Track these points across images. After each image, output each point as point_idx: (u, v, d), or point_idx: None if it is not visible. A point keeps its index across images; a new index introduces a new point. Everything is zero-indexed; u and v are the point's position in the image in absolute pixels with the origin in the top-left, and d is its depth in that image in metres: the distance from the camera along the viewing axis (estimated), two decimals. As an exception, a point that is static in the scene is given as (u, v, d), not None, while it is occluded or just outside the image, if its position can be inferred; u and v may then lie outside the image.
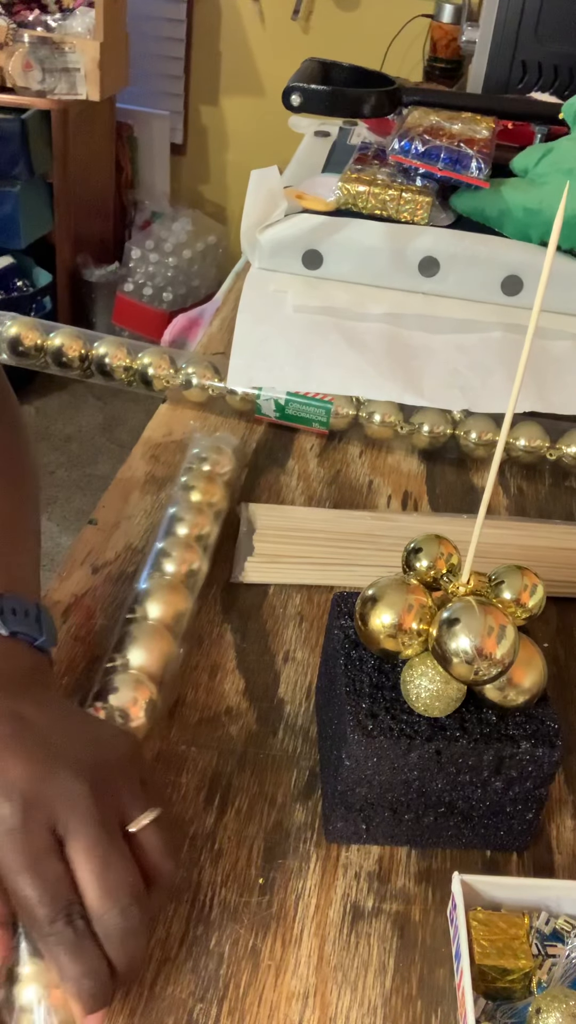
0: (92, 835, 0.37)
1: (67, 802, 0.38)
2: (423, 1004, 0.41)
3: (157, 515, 0.66)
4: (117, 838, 0.38)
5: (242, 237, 0.91)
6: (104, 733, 0.44)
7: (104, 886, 0.37)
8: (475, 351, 0.83)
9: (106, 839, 0.38)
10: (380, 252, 0.89)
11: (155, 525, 0.65)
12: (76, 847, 0.37)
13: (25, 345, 0.78)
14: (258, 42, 2.65)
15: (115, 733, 0.44)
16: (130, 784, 0.40)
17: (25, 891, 0.36)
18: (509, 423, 0.40)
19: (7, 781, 0.38)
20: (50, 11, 2.38)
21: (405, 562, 0.46)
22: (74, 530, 2.12)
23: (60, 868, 0.37)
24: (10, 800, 0.37)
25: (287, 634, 0.58)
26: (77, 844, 0.37)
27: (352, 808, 0.45)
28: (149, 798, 0.40)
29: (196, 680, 0.55)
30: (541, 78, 1.21)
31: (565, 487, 0.75)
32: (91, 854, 0.37)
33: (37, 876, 0.36)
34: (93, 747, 0.41)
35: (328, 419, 0.75)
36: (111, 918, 0.37)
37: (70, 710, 0.45)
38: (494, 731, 0.44)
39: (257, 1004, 0.40)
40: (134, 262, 2.71)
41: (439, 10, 2.08)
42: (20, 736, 0.40)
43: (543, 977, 0.41)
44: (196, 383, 0.76)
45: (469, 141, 0.90)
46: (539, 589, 0.45)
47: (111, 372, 0.78)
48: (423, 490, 0.73)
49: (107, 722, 0.47)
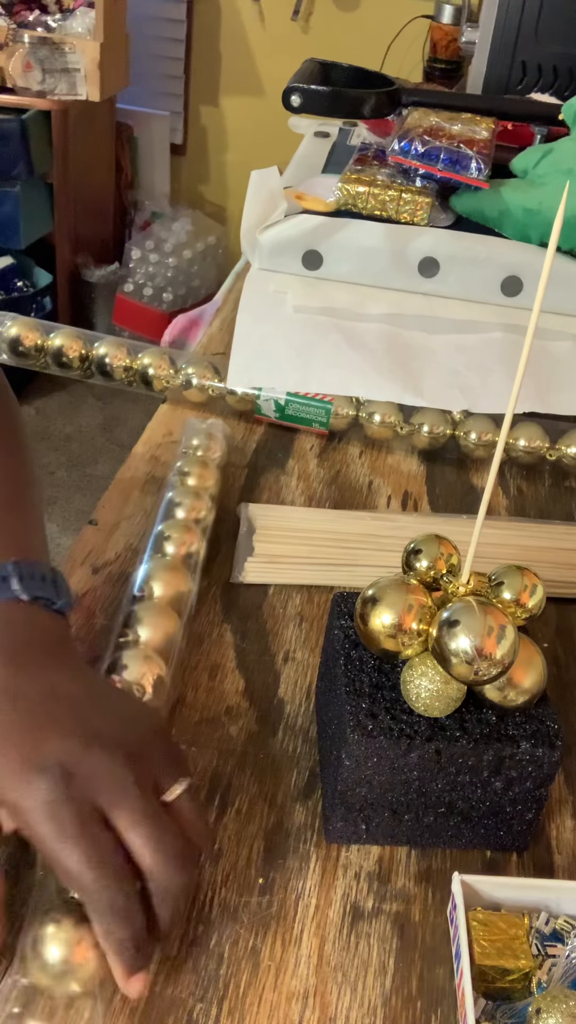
0: (137, 804, 0.38)
1: (106, 775, 0.38)
2: (423, 1004, 0.41)
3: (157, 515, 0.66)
4: (158, 806, 0.39)
5: (242, 237, 0.91)
6: (132, 706, 0.45)
7: (159, 848, 0.38)
8: (475, 351, 0.83)
9: (150, 807, 0.39)
10: (380, 253, 0.89)
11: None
12: (122, 815, 0.38)
13: (25, 345, 0.78)
14: (258, 42, 2.65)
15: (141, 706, 0.46)
16: (160, 755, 0.41)
17: (72, 857, 0.37)
18: (509, 423, 0.40)
19: (44, 755, 0.38)
20: (50, 11, 2.38)
21: (405, 562, 0.46)
22: (74, 530, 2.12)
23: (108, 835, 0.38)
24: (49, 773, 0.38)
25: (287, 634, 0.58)
26: (122, 812, 0.38)
27: (352, 808, 0.45)
28: (178, 768, 0.41)
29: (196, 680, 0.55)
30: (541, 79, 1.21)
31: (565, 487, 0.75)
32: (140, 821, 0.38)
33: (85, 842, 0.37)
34: (125, 721, 0.42)
35: (328, 419, 0.75)
36: (165, 879, 0.38)
37: (98, 681, 0.46)
38: (494, 731, 0.44)
39: (257, 1004, 0.40)
40: (134, 262, 2.71)
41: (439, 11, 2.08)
42: (55, 709, 0.40)
43: (543, 977, 0.41)
44: (196, 383, 0.76)
45: (469, 142, 0.90)
46: (539, 589, 0.45)
47: (111, 372, 0.78)
48: (423, 490, 0.73)
49: (132, 695, 0.48)
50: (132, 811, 0.38)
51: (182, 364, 0.77)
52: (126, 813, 0.38)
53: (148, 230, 2.78)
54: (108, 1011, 0.39)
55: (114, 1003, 0.39)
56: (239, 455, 0.74)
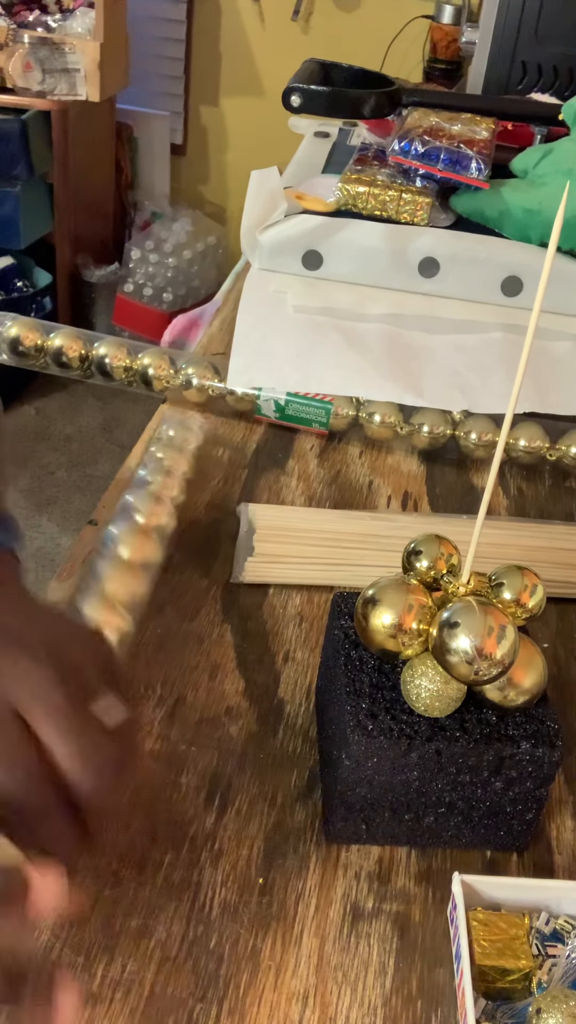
0: (56, 704, 0.36)
1: (31, 682, 0.37)
2: (423, 1004, 0.41)
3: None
4: (83, 709, 0.37)
5: (242, 238, 0.91)
6: (69, 624, 0.43)
7: (82, 755, 0.36)
8: (475, 352, 0.83)
9: (72, 708, 0.37)
10: (380, 253, 0.89)
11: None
12: (44, 721, 0.36)
13: (25, 345, 0.78)
14: (258, 42, 2.65)
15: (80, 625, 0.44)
16: (95, 671, 0.39)
17: None
18: (509, 423, 0.40)
19: None
20: (50, 12, 2.38)
21: (405, 562, 0.46)
22: (74, 530, 2.12)
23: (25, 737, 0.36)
24: None
25: (287, 634, 0.58)
26: (45, 719, 0.36)
27: (352, 808, 0.45)
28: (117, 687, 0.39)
29: (196, 680, 0.55)
30: (541, 79, 1.21)
31: (565, 487, 0.75)
32: (56, 719, 0.36)
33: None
34: (57, 633, 0.41)
35: (328, 419, 0.75)
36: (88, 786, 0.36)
37: (36, 601, 0.44)
38: (494, 731, 0.44)
39: (257, 1004, 0.40)
40: (134, 263, 2.71)
41: (439, 11, 2.08)
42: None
43: (543, 977, 0.41)
44: (196, 383, 0.76)
45: (469, 142, 0.90)
46: (539, 589, 0.45)
47: (111, 372, 0.78)
48: (423, 490, 0.73)
49: (80, 621, 0.47)
50: (49, 709, 0.36)
51: (182, 364, 0.77)
52: (50, 720, 0.36)
53: (148, 230, 2.78)
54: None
55: (114, 1003, 0.39)
56: (239, 455, 0.74)
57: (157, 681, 0.54)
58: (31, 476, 2.32)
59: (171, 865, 0.45)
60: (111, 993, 0.40)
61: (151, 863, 0.45)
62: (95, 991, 0.40)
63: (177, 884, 0.44)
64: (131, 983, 0.40)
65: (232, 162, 2.87)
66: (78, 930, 0.42)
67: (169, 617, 0.58)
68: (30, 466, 2.35)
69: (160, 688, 0.54)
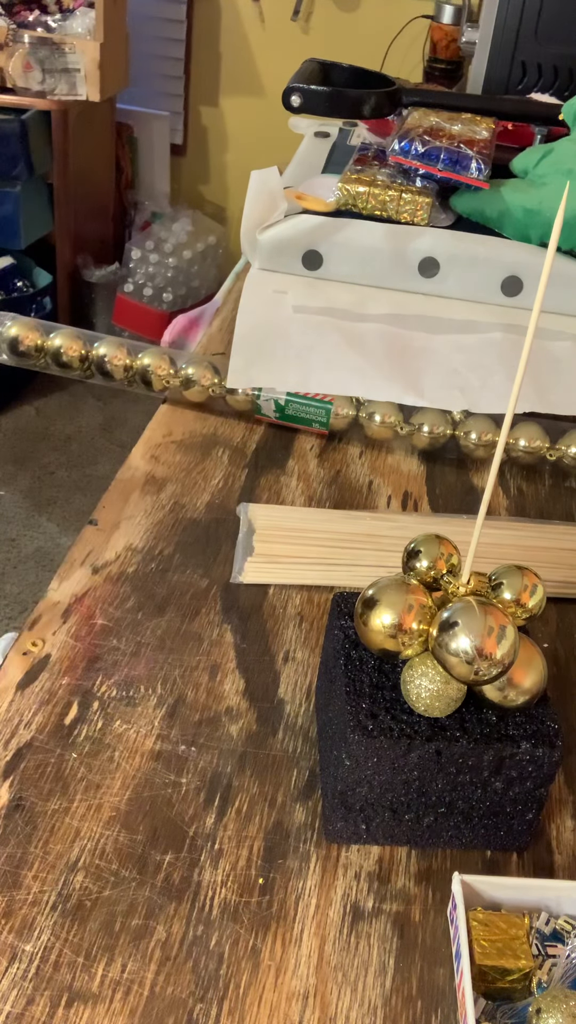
0: None
1: None
2: (423, 1004, 0.41)
3: (157, 515, 0.66)
4: None
5: (242, 238, 0.91)
6: None
7: None
8: (475, 352, 0.83)
9: None
10: (380, 253, 0.89)
11: (156, 525, 0.65)
12: None
13: (25, 345, 0.78)
14: (258, 42, 2.65)
15: None
16: None
17: None
18: (509, 423, 0.40)
19: None
20: (50, 12, 2.38)
21: (405, 562, 0.46)
22: (74, 530, 2.12)
23: None
24: None
25: (287, 634, 0.58)
26: None
27: (352, 808, 0.45)
28: None
29: (196, 680, 0.55)
30: (541, 79, 1.21)
31: (565, 487, 0.75)
32: None
33: None
34: None
35: (328, 419, 0.75)
36: None
37: None
38: (494, 731, 0.44)
39: (257, 1004, 0.40)
40: (134, 263, 2.71)
41: (439, 11, 2.08)
42: None
43: (543, 977, 0.41)
44: (196, 383, 0.76)
45: (469, 142, 0.90)
46: (539, 589, 0.45)
47: (111, 372, 0.78)
48: (423, 490, 0.73)
49: None
50: None
51: (182, 364, 0.77)
52: None
53: (148, 230, 2.78)
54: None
55: (114, 1003, 0.39)
56: (239, 455, 0.74)
57: (157, 681, 0.54)
58: (31, 476, 2.32)
59: (171, 865, 0.45)
60: (111, 993, 0.40)
61: (151, 863, 0.45)
62: (95, 991, 0.40)
63: (177, 884, 0.44)
64: (131, 983, 0.40)
65: (232, 162, 2.87)
66: (78, 930, 0.42)
67: (169, 617, 0.58)
68: (30, 466, 2.35)
69: (160, 688, 0.54)
